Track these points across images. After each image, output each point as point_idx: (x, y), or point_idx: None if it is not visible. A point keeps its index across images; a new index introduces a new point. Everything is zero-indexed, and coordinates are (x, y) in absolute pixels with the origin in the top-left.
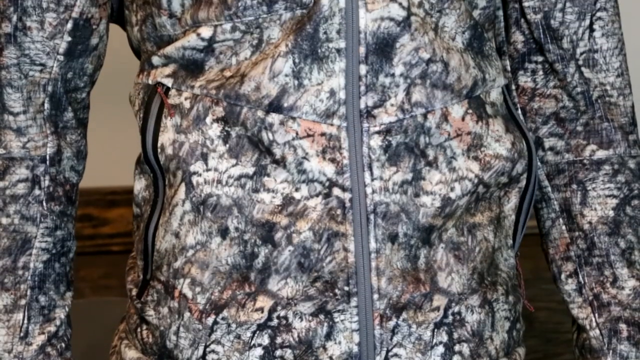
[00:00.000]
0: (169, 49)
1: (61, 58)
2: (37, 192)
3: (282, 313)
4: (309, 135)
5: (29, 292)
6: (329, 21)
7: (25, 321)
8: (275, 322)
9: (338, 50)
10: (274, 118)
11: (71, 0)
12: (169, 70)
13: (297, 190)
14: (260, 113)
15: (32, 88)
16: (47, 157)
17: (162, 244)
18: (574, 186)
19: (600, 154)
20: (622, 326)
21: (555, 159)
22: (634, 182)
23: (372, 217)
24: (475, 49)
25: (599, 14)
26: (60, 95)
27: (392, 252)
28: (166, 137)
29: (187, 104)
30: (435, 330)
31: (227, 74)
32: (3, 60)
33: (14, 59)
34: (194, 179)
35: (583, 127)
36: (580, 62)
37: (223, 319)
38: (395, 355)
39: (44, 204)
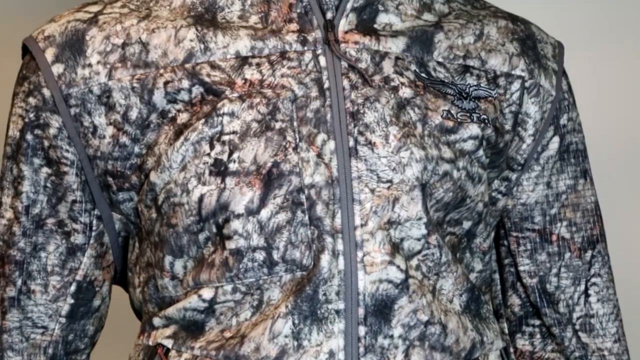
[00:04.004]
0: (170, 310)
1: (63, 320)
2: None
3: None
4: None
5: None
6: (329, 283)
7: None
8: None
9: (337, 312)
10: None
11: (76, 263)
12: (169, 331)
13: None
14: None
15: (32, 351)
16: None
17: None
18: None
19: None
20: None
21: None
22: None
23: None
24: (472, 312)
25: (593, 279)
26: (60, 358)
27: None
28: None
29: None
30: None
31: (227, 334)
32: (5, 323)
33: (16, 322)
34: None
35: None
36: (577, 327)
37: None
38: None
39: None
